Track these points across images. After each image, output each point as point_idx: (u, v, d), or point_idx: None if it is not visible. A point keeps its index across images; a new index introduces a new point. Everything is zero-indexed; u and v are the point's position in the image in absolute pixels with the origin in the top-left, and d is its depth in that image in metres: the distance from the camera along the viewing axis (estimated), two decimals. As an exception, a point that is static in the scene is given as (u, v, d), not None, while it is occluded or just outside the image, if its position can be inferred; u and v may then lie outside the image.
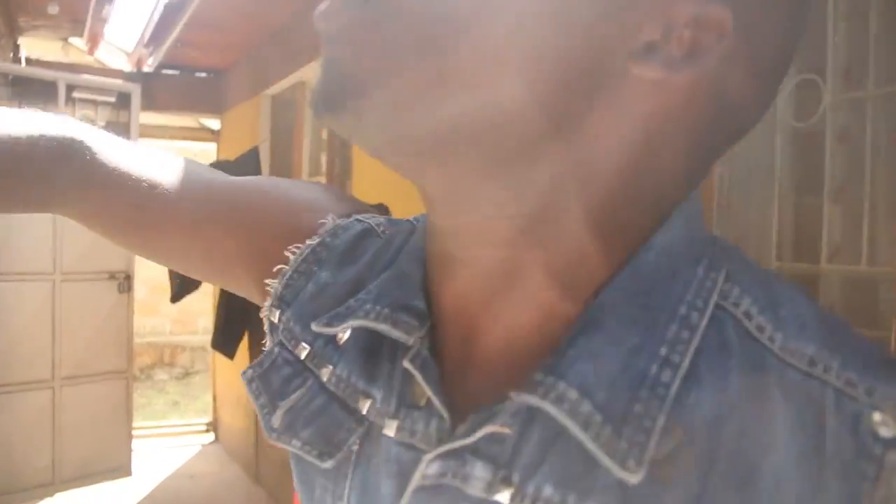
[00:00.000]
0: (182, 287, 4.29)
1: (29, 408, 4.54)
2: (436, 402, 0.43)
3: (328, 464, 0.49)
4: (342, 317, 0.49)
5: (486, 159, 0.41)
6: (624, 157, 0.41)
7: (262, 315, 0.61)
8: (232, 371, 4.42)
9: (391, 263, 0.53)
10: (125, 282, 4.97)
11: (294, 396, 0.52)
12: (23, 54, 5.99)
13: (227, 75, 6.54)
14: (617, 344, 0.39)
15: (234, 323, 4.19)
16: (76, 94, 4.96)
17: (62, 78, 4.89)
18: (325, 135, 4.78)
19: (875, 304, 1.73)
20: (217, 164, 4.43)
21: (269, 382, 0.54)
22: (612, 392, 0.38)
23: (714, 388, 0.38)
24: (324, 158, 4.80)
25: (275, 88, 5.45)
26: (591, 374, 0.38)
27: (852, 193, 1.79)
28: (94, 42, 6.39)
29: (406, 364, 0.45)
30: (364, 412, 0.48)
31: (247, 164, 4.11)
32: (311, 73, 4.84)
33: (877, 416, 0.36)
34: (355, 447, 0.48)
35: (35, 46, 6.67)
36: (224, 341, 4.26)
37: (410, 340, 0.45)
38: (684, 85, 0.40)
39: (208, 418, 7.15)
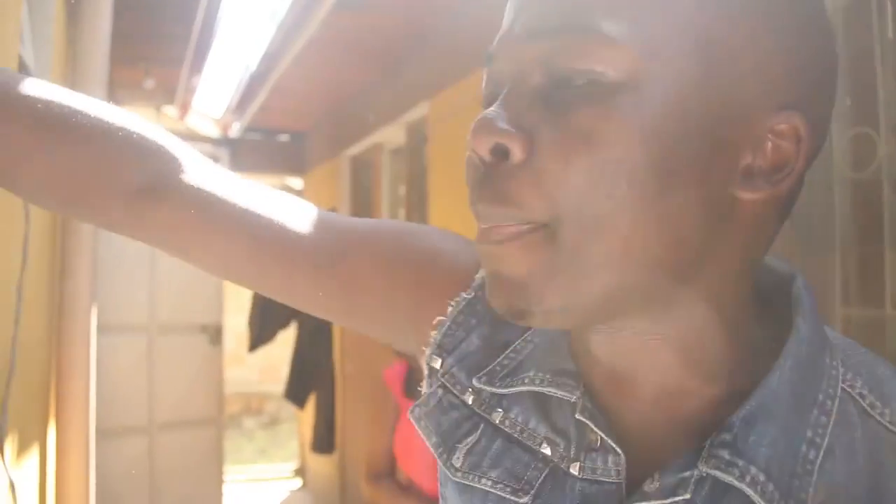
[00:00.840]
0: (260, 337, 4.50)
1: (127, 453, 4.77)
2: (610, 442, 0.52)
3: (525, 499, 0.55)
4: (507, 380, 0.58)
5: (634, 310, 0.51)
6: (740, 265, 0.52)
7: (421, 360, 0.66)
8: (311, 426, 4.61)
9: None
10: (216, 334, 5.23)
11: (470, 439, 0.59)
12: (121, 124, 6.41)
13: (308, 137, 6.86)
14: (785, 430, 0.48)
15: (305, 376, 4.37)
16: (171, 161, 5.27)
17: (158, 145, 5.22)
18: (402, 191, 4.98)
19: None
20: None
21: (438, 423, 0.61)
22: (781, 471, 0.47)
23: (845, 458, 0.48)
24: (402, 215, 5.00)
25: (353, 149, 5.71)
26: (772, 458, 0.47)
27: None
28: (184, 110, 6.81)
29: (578, 416, 0.53)
30: (549, 454, 0.55)
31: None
32: (387, 135, 5.07)
33: None
34: (537, 484, 0.55)
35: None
36: (295, 392, 4.44)
37: (573, 398, 0.54)
38: (783, 192, 0.50)
39: (295, 465, 7.33)
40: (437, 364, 0.62)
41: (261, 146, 6.90)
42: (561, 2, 0.47)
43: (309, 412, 5.12)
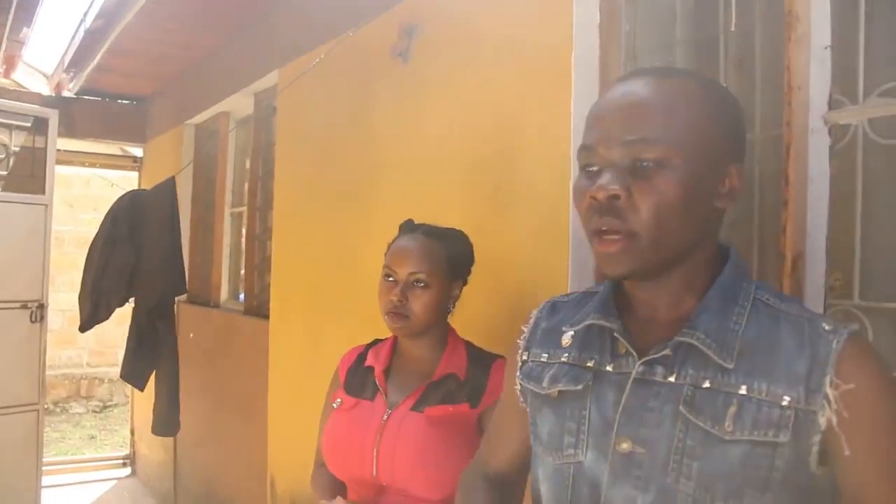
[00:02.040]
0: (91, 316, 4.18)
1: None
2: (631, 350, 1.05)
3: (579, 387, 1.08)
4: (579, 322, 1.13)
5: (677, 265, 1.04)
6: (711, 237, 1.07)
7: (516, 355, 1.26)
8: (150, 403, 4.34)
9: (585, 305, 1.17)
10: (38, 311, 4.84)
11: (551, 372, 1.14)
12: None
13: (151, 104, 6.46)
14: (717, 315, 1.01)
15: (144, 356, 4.11)
16: (-12, 117, 4.83)
17: (-29, 99, 4.76)
18: (248, 164, 4.77)
19: None
20: (134, 193, 4.36)
21: (530, 374, 1.19)
22: (718, 334, 0.99)
23: (756, 326, 1.00)
24: (246, 188, 4.78)
25: (198, 118, 5.41)
26: (709, 327, 0.99)
27: (745, 228, 1.90)
28: (10, 64, 6.24)
29: (616, 335, 1.06)
30: (591, 366, 1.09)
31: (163, 193, 4.06)
32: (233, 104, 4.83)
33: (825, 325, 0.98)
34: (590, 383, 1.08)
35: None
36: (134, 373, 4.17)
37: (615, 326, 1.07)
38: (732, 202, 1.04)
39: (126, 452, 6.95)
40: (525, 356, 1.23)
41: (98, 110, 6.41)
42: (629, 124, 0.98)
43: (144, 394, 4.83)
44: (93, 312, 4.16)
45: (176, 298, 4.23)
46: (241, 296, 4.78)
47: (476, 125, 2.36)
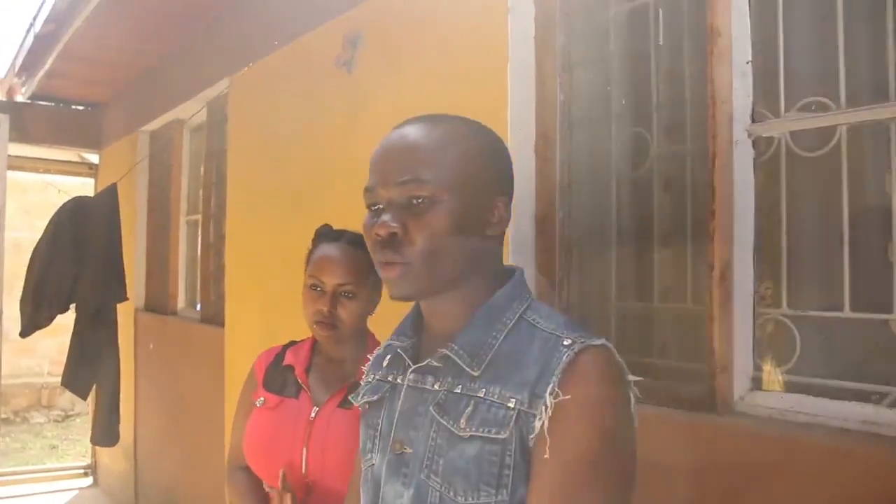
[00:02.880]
0: (32, 320, 4.14)
1: None
2: (410, 363, 1.16)
3: (375, 397, 1.22)
4: (384, 346, 1.27)
5: (453, 287, 1.12)
6: (488, 262, 1.15)
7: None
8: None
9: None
10: (-9, 319, 4.78)
11: (365, 388, 1.26)
12: None
13: (106, 109, 6.39)
14: (479, 331, 1.10)
15: (85, 363, 4.07)
16: (-66, 122, 4.77)
17: (-78, 106, 4.69)
18: (202, 171, 4.75)
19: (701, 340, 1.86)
20: (78, 199, 4.31)
21: (362, 392, 1.28)
22: (473, 347, 1.09)
23: (513, 340, 1.09)
24: (201, 195, 4.76)
25: (152, 125, 5.37)
26: (466, 341, 1.10)
27: (677, 238, 1.94)
28: (-41, 68, 6.15)
29: (399, 351, 1.19)
30: (390, 380, 1.21)
31: (105, 199, 4.03)
32: (187, 111, 4.80)
33: (566, 340, 1.04)
34: (386, 394, 1.20)
35: None
36: (76, 381, 4.13)
37: (402, 343, 1.20)
38: (501, 230, 1.15)
39: (87, 461, 6.88)
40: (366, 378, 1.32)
41: (52, 115, 6.32)
42: (403, 166, 1.08)
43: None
44: (33, 317, 4.13)
45: (135, 308, 4.20)
46: (198, 304, 4.76)
47: (419, 135, 2.38)
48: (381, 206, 1.09)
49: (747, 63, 1.69)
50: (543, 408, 1.00)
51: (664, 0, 1.96)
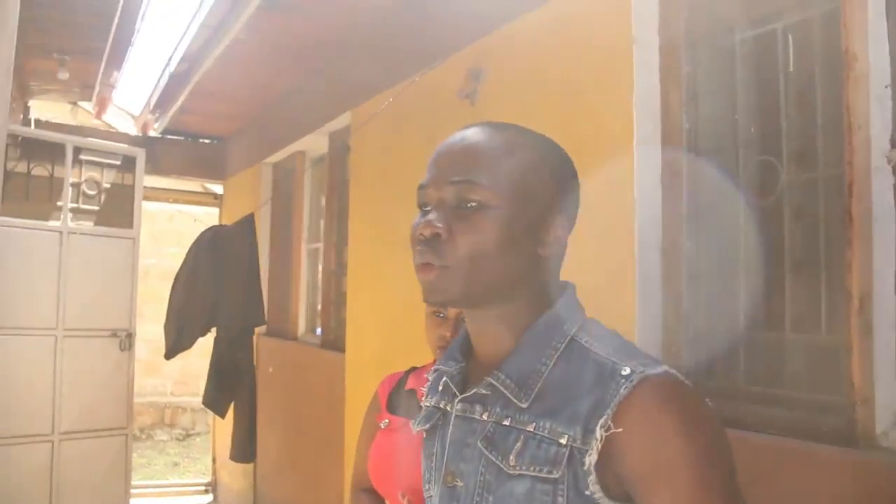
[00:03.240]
0: (176, 344, 4.39)
1: (28, 461, 4.58)
2: (456, 391, 1.12)
3: (427, 425, 1.17)
4: (433, 371, 1.21)
5: (494, 302, 1.06)
6: (536, 282, 1.07)
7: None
8: (231, 431, 4.54)
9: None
10: (127, 339, 5.06)
11: (421, 414, 1.21)
12: (32, 116, 6.19)
13: (230, 142, 6.74)
14: (526, 357, 1.04)
15: (225, 384, 4.28)
16: (83, 157, 5.13)
17: (70, 141, 5.06)
18: (323, 202, 4.93)
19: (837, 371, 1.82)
20: (216, 228, 4.56)
21: (417, 419, 1.23)
22: (521, 375, 1.03)
23: (564, 367, 1.02)
24: (322, 224, 4.94)
25: (275, 157, 5.62)
26: (513, 369, 1.04)
27: (810, 267, 1.90)
28: (101, 106, 6.61)
29: (446, 378, 1.15)
30: (442, 406, 1.15)
31: (243, 228, 4.26)
32: (309, 143, 5.01)
33: (624, 370, 0.96)
34: (439, 422, 1.16)
35: (45, 108, 6.89)
36: (215, 400, 4.35)
37: (449, 369, 1.14)
38: (557, 252, 1.08)
39: (207, 479, 7.17)
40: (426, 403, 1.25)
41: (181, 148, 6.74)
42: (458, 167, 1.04)
43: (225, 422, 5.01)
44: (177, 340, 4.37)
45: (255, 330, 4.39)
46: (318, 329, 4.93)
47: (541, 165, 2.42)
48: (429, 208, 1.05)
49: (885, 87, 1.66)
50: (595, 443, 0.93)
51: (793, 25, 1.95)
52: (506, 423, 1.02)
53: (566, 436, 0.95)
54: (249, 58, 4.55)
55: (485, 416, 1.05)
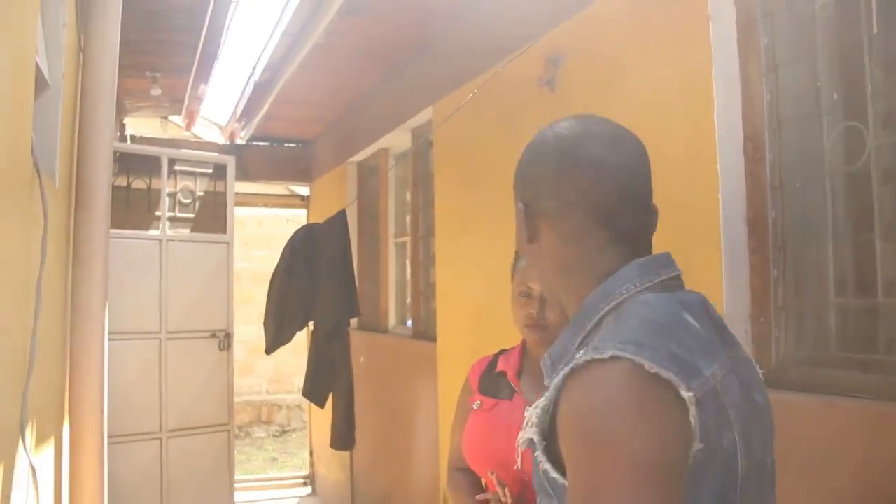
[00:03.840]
0: (276, 339, 4.57)
1: (139, 458, 4.85)
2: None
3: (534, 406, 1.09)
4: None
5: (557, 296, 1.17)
6: (571, 267, 1.12)
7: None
8: (328, 426, 4.69)
9: None
10: (225, 339, 5.30)
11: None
12: (128, 132, 6.52)
13: (314, 145, 6.95)
14: (565, 339, 1.09)
15: (323, 376, 4.44)
16: (177, 167, 5.38)
17: (165, 153, 5.33)
18: (409, 197, 5.05)
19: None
20: (309, 227, 4.74)
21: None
22: (557, 356, 1.08)
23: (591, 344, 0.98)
24: (408, 219, 5.06)
25: (359, 156, 5.79)
26: (554, 351, 1.10)
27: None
28: (191, 119, 6.90)
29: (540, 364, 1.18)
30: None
31: (335, 224, 4.41)
32: (392, 140, 5.15)
33: (577, 355, 0.95)
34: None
35: (137, 124, 7.24)
36: (314, 392, 4.51)
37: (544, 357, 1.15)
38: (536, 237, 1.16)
39: (305, 472, 7.40)
40: None
41: (267, 154, 6.99)
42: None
43: (322, 416, 5.18)
44: (276, 335, 4.55)
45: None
46: (409, 321, 5.06)
47: (623, 145, 2.46)
48: None
49: (973, 45, 1.65)
50: (534, 423, 0.99)
51: (875, -12, 1.94)
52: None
53: (536, 414, 1.00)
54: (330, 62, 4.70)
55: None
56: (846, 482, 1.76)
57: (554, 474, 0.95)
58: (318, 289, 4.39)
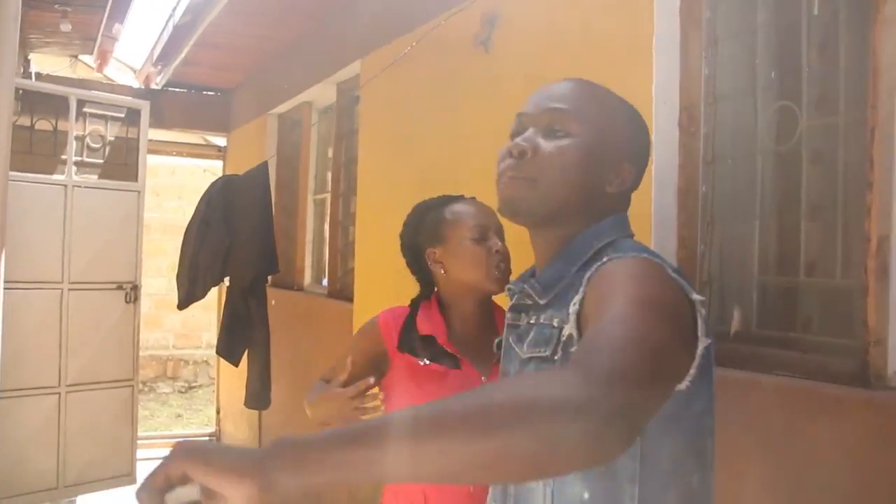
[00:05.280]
0: (189, 294, 4.42)
1: (36, 413, 4.65)
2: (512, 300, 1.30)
3: (501, 339, 1.29)
4: (507, 290, 1.32)
5: (556, 223, 1.20)
6: (595, 211, 1.20)
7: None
8: (236, 383, 4.57)
9: None
10: (132, 292, 5.09)
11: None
12: (32, 70, 6.14)
13: (234, 94, 6.69)
14: (557, 266, 1.18)
15: (238, 333, 4.32)
16: (87, 110, 5.10)
17: (74, 93, 5.03)
18: (330, 153, 4.92)
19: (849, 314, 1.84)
20: (227, 178, 4.56)
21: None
22: (549, 280, 1.18)
23: (582, 274, 1.08)
24: (329, 176, 4.94)
25: (281, 108, 5.59)
26: (544, 276, 1.19)
27: (826, 211, 1.92)
28: (103, 59, 6.54)
29: (507, 293, 1.30)
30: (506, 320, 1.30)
31: (257, 177, 4.26)
32: (316, 93, 4.98)
33: (605, 257, 1.08)
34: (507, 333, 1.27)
35: (44, 62, 6.82)
36: (229, 349, 4.39)
37: (514, 287, 1.25)
38: (622, 191, 1.24)
39: (211, 429, 7.26)
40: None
41: (184, 101, 6.69)
42: (553, 98, 1.20)
43: (230, 373, 5.06)
44: (190, 290, 4.40)
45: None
46: (325, 280, 4.95)
47: (557, 111, 2.43)
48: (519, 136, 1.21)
49: (912, 31, 1.66)
50: (571, 317, 1.03)
51: (818, -31, 1.94)
52: (531, 321, 1.17)
53: (557, 318, 1.10)
54: (254, 6, 4.51)
55: (523, 321, 1.20)
56: (772, 461, 1.79)
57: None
58: (235, 243, 4.25)
